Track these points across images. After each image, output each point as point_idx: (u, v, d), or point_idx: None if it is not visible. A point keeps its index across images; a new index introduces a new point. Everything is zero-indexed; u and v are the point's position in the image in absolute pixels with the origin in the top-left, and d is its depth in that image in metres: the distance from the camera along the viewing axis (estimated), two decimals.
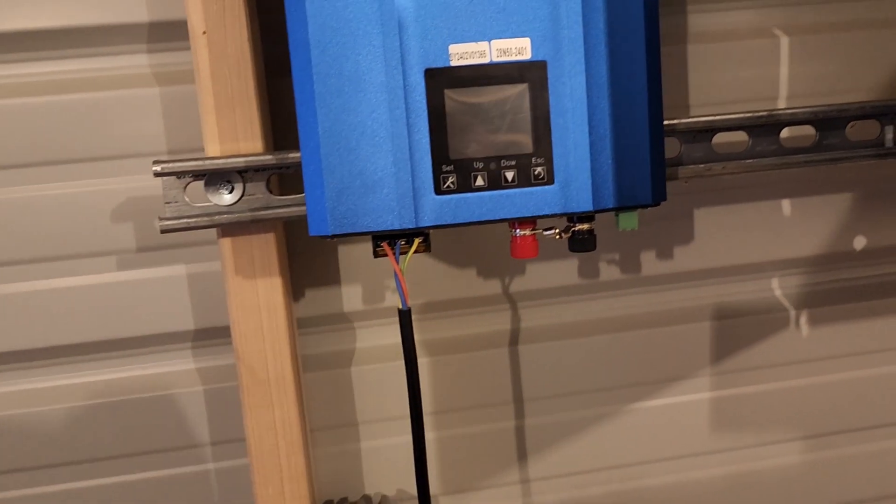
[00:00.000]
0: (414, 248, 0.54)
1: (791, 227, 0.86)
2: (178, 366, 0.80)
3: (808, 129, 0.72)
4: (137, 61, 0.74)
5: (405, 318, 0.56)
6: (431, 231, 0.55)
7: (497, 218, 0.53)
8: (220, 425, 0.80)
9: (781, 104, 0.83)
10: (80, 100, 0.73)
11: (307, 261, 0.78)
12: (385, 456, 0.83)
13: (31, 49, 0.72)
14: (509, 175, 0.53)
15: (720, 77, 0.81)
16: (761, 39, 0.82)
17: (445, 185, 0.52)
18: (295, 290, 0.79)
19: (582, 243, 0.56)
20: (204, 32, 0.64)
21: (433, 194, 0.52)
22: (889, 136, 0.72)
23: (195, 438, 0.80)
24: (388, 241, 0.54)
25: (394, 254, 0.53)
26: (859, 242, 0.87)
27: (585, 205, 0.53)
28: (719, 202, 0.84)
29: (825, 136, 0.71)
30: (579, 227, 0.56)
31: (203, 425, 0.80)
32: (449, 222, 0.52)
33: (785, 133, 0.72)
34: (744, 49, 0.81)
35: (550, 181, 0.53)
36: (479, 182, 0.53)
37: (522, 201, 0.53)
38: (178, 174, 0.62)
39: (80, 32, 0.72)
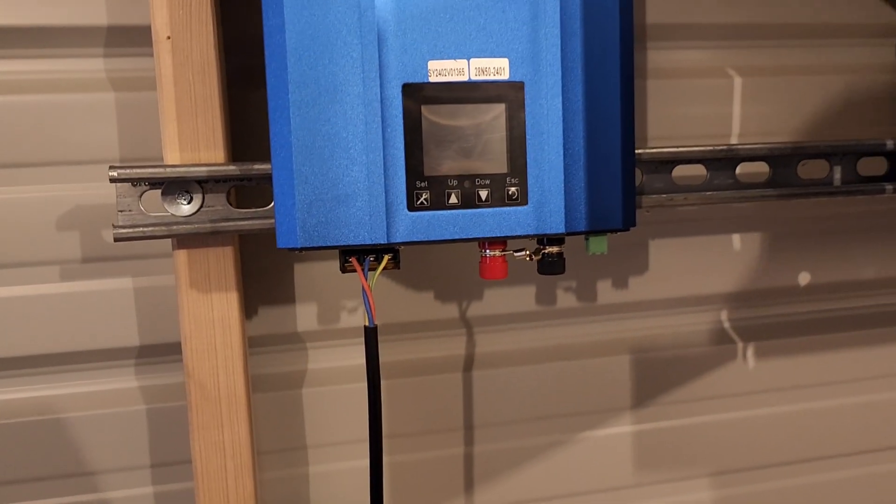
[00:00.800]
0: (383, 264, 0.53)
1: (741, 262, 0.88)
2: (121, 383, 0.76)
3: (762, 167, 0.75)
4: (93, 65, 0.72)
5: (371, 335, 0.55)
6: (402, 248, 0.54)
7: (470, 237, 0.53)
8: (161, 447, 0.76)
9: (733, 141, 0.85)
10: (31, 102, 0.70)
11: (261, 278, 0.76)
12: (333, 482, 0.81)
13: None
14: (483, 194, 0.53)
15: (676, 112, 0.83)
16: (716, 79, 0.85)
17: (419, 202, 0.52)
18: (248, 307, 0.77)
19: (552, 266, 0.56)
20: (168, 37, 0.62)
21: (406, 210, 0.52)
22: (837, 175, 0.75)
23: (136, 460, 0.76)
24: (357, 256, 0.52)
25: (363, 270, 0.52)
26: (804, 278, 0.90)
27: (558, 227, 0.53)
28: (674, 234, 0.86)
29: (778, 173, 0.74)
30: (549, 249, 0.56)
31: (144, 446, 0.76)
32: (421, 239, 0.52)
33: (739, 169, 0.74)
34: (699, 87, 0.84)
35: (524, 202, 0.53)
36: (453, 200, 0.52)
37: (495, 221, 0.53)
38: (135, 181, 0.60)
39: (35, 32, 0.69)
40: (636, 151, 0.67)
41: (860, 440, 0.93)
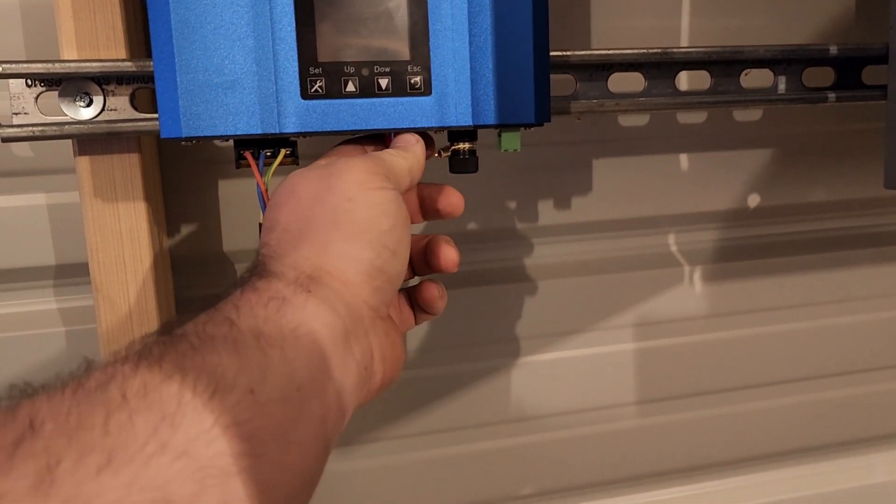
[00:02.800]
0: (280, 159, 0.50)
1: (688, 183, 0.85)
2: (38, 305, 0.73)
3: (704, 77, 0.71)
4: None
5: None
6: (299, 140, 0.51)
7: (369, 128, 0.49)
8: None
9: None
10: None
11: (184, 195, 0.73)
12: None
13: None
14: (383, 82, 0.49)
15: (621, 24, 0.80)
16: None
17: (313, 89, 0.48)
18: (170, 225, 0.74)
19: (463, 163, 0.53)
20: None
21: (300, 98, 0.48)
22: (782, 85, 0.72)
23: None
24: (251, 150, 0.49)
25: (257, 164, 0.49)
26: (753, 200, 0.88)
27: (465, 119, 0.50)
28: (618, 153, 0.83)
29: (720, 83, 0.70)
30: (460, 145, 0.53)
31: (63, 369, 0.73)
32: (316, 129, 0.48)
33: (683, 82, 0.70)
34: None
35: (428, 92, 0.50)
36: (351, 88, 0.49)
37: (397, 111, 0.50)
38: (27, 77, 0.56)
39: None
40: (566, 53, 0.64)
41: (810, 365, 0.92)
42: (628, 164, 0.83)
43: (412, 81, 0.50)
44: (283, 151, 0.50)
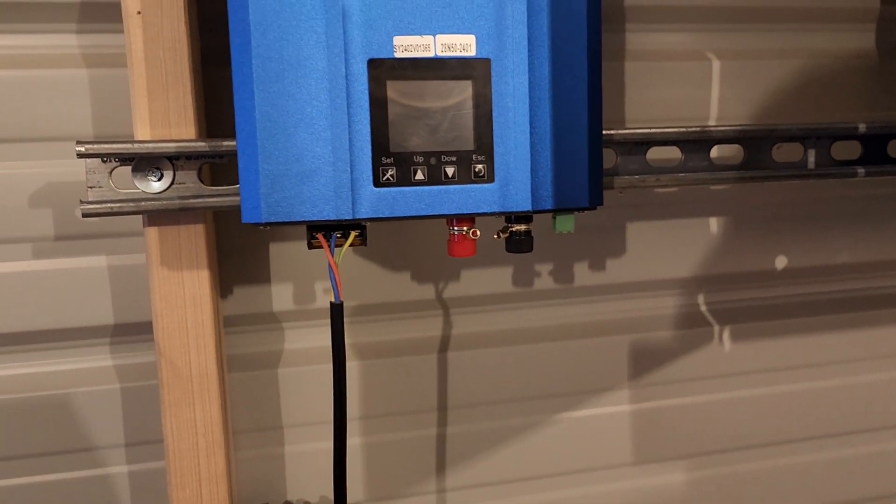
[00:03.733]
0: (350, 240, 0.53)
1: (717, 245, 0.88)
2: (95, 362, 0.76)
3: (737, 149, 0.75)
4: (66, 41, 0.71)
5: (336, 311, 0.55)
6: (368, 224, 0.54)
7: (436, 213, 0.53)
8: (136, 426, 0.76)
9: (711, 124, 0.85)
10: (4, 77, 0.69)
11: (237, 258, 0.76)
12: (309, 462, 0.81)
13: None
14: (450, 171, 0.53)
15: (654, 95, 0.83)
16: (695, 61, 0.85)
17: (385, 178, 0.52)
18: (223, 287, 0.77)
19: (519, 244, 0.56)
20: (139, 12, 0.62)
21: (372, 186, 0.52)
22: (811, 158, 0.75)
23: (110, 439, 0.76)
24: (323, 232, 0.52)
25: (329, 246, 0.52)
26: (780, 262, 0.90)
27: (524, 205, 0.54)
28: (651, 217, 0.86)
29: (752, 156, 0.74)
30: (517, 227, 0.56)
31: (118, 425, 0.76)
32: (387, 215, 0.52)
33: (715, 152, 0.74)
34: (678, 69, 0.84)
35: (490, 179, 0.53)
36: (419, 176, 0.52)
37: (462, 198, 0.53)
38: (104, 157, 0.60)
39: (7, 7, 0.69)
40: (610, 132, 0.68)
41: (834, 423, 0.94)
42: (660, 228, 0.86)
43: (476, 170, 0.53)
44: (352, 234, 0.53)
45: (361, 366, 0.80)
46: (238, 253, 0.76)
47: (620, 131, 0.68)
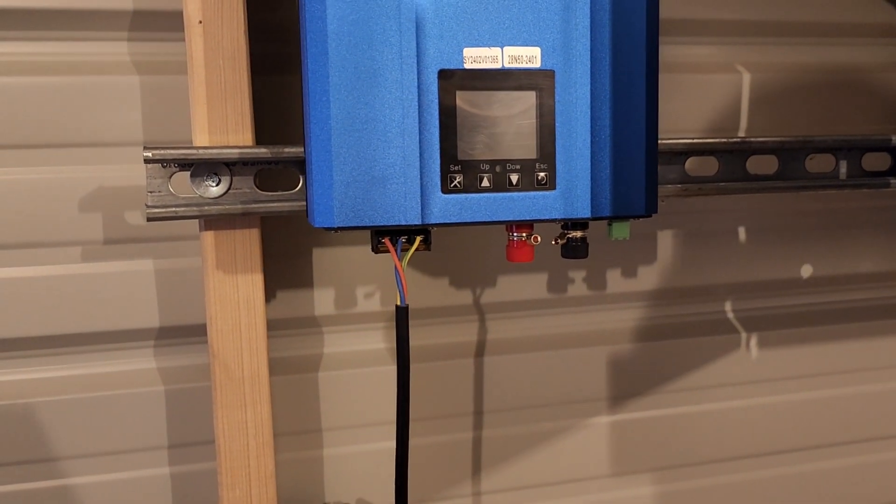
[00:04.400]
0: (416, 245, 0.54)
1: (745, 254, 0.90)
2: (140, 364, 0.77)
3: (770, 161, 0.77)
4: (118, 48, 0.72)
5: (402, 314, 0.56)
6: (434, 230, 0.56)
7: (501, 219, 0.54)
8: (179, 428, 0.77)
9: (741, 135, 0.87)
10: (56, 83, 0.70)
11: (281, 262, 0.77)
12: (347, 464, 0.82)
13: (8, 28, 0.70)
14: (514, 178, 0.54)
15: (686, 106, 0.85)
16: (725, 74, 0.87)
17: (452, 185, 0.53)
18: (266, 291, 0.77)
19: (575, 250, 0.58)
20: (200, 22, 0.63)
21: (440, 193, 0.53)
22: (843, 169, 0.77)
23: (153, 441, 0.77)
24: (389, 237, 0.54)
25: (395, 250, 0.54)
26: (806, 271, 0.92)
27: (584, 212, 0.55)
28: (681, 225, 0.88)
29: (787, 166, 0.76)
30: (573, 233, 0.58)
31: (161, 427, 0.77)
32: (454, 221, 0.53)
33: (749, 163, 0.76)
34: (709, 82, 0.86)
35: (552, 187, 0.55)
36: (485, 183, 0.54)
37: (525, 205, 0.54)
38: (166, 162, 0.61)
39: (62, 15, 0.70)
40: None
41: (860, 429, 0.96)
42: (689, 236, 0.88)
43: (539, 177, 0.55)
44: (417, 239, 0.55)
45: None
46: (282, 257, 0.77)
47: (664, 141, 0.70)
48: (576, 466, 0.88)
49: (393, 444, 0.82)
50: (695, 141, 0.71)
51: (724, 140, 0.72)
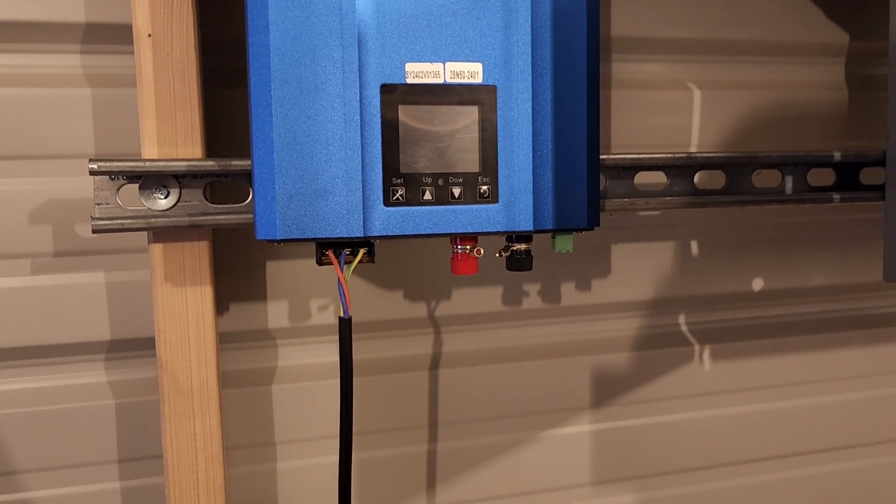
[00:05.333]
0: (359, 258, 0.55)
1: (698, 267, 0.92)
2: (90, 378, 0.76)
3: (719, 176, 0.78)
4: (70, 61, 0.72)
5: (345, 326, 0.56)
6: (377, 242, 0.56)
7: (443, 232, 0.55)
8: (129, 442, 0.77)
9: (692, 150, 0.89)
10: (7, 95, 0.70)
11: (233, 275, 0.78)
12: (301, 477, 0.82)
13: None
14: (456, 192, 0.55)
15: (639, 122, 0.87)
16: (677, 91, 0.88)
17: (394, 198, 0.54)
18: (219, 303, 0.78)
19: (520, 262, 0.58)
20: (149, 35, 0.63)
21: (382, 206, 0.54)
22: (789, 184, 0.79)
23: (103, 455, 0.76)
24: (333, 249, 0.54)
25: (339, 262, 0.54)
26: (757, 284, 0.94)
27: (526, 224, 0.56)
28: (635, 239, 0.89)
29: (734, 182, 0.77)
30: (518, 246, 0.58)
31: (112, 441, 0.76)
32: (396, 233, 0.54)
33: (697, 178, 0.77)
34: (661, 98, 0.88)
35: (495, 200, 0.56)
36: (427, 196, 0.54)
37: (467, 218, 0.55)
38: (113, 174, 0.61)
39: (13, 27, 0.70)
40: (601, 157, 0.71)
41: (810, 440, 0.97)
42: (643, 250, 0.89)
43: (481, 191, 0.55)
44: (361, 251, 0.55)
45: (356, 382, 0.82)
46: (234, 270, 0.77)
47: (611, 156, 0.71)
48: (529, 478, 0.89)
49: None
50: (642, 156, 0.72)
51: (671, 155, 0.73)
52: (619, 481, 0.91)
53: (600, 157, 0.70)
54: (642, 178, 0.75)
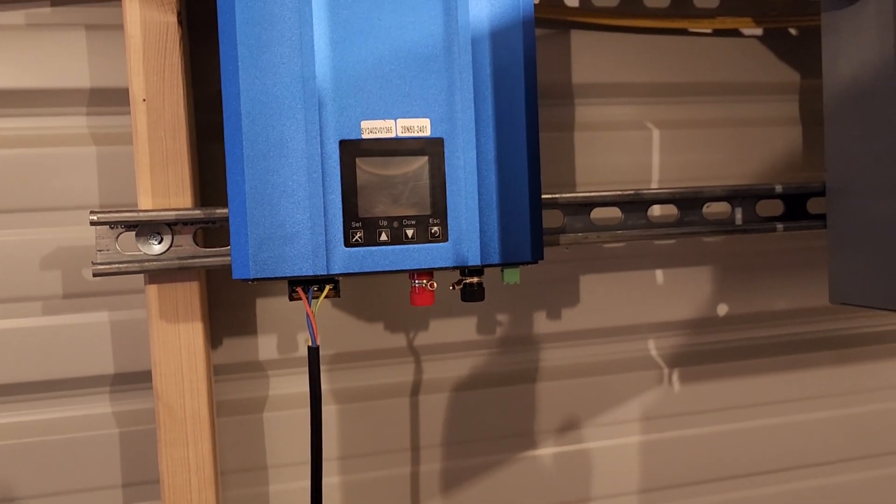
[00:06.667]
0: (325, 293, 0.62)
1: (664, 295, 0.97)
2: (96, 409, 0.83)
3: (673, 209, 0.84)
4: (77, 122, 0.81)
5: (313, 354, 0.63)
6: (341, 279, 0.63)
7: (398, 269, 0.62)
8: (132, 467, 0.83)
9: (653, 187, 0.95)
10: (21, 154, 0.78)
11: (226, 311, 0.85)
12: (291, 500, 0.88)
13: None
14: (409, 232, 0.62)
15: (601, 161, 0.94)
16: (636, 131, 0.95)
17: (354, 239, 0.61)
18: (213, 338, 0.85)
19: (472, 294, 0.65)
20: (144, 99, 0.71)
21: (343, 246, 0.61)
22: (738, 216, 0.84)
23: (108, 480, 0.83)
24: (302, 286, 0.61)
25: (307, 297, 0.61)
26: (722, 309, 1.00)
27: (474, 260, 0.63)
28: (602, 270, 0.95)
29: (686, 215, 0.83)
30: (470, 279, 0.65)
31: (116, 467, 0.83)
32: (356, 271, 0.61)
33: (655, 211, 0.83)
34: (621, 139, 0.94)
35: (445, 239, 0.62)
36: (384, 237, 0.61)
37: (420, 255, 0.62)
38: (112, 224, 0.69)
39: (26, 94, 0.78)
40: (555, 196, 0.77)
41: (779, 458, 1.02)
42: (611, 280, 0.95)
43: (432, 231, 0.62)
44: (327, 287, 0.62)
45: (339, 409, 0.88)
46: (227, 307, 0.85)
47: (565, 195, 0.78)
48: (509, 499, 0.94)
49: (334, 479, 0.89)
50: (594, 194, 0.79)
51: (621, 192, 0.79)
52: (592, 500, 0.96)
53: (555, 196, 0.77)
54: (603, 213, 0.82)
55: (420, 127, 0.62)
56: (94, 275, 0.68)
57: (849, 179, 0.79)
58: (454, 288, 0.66)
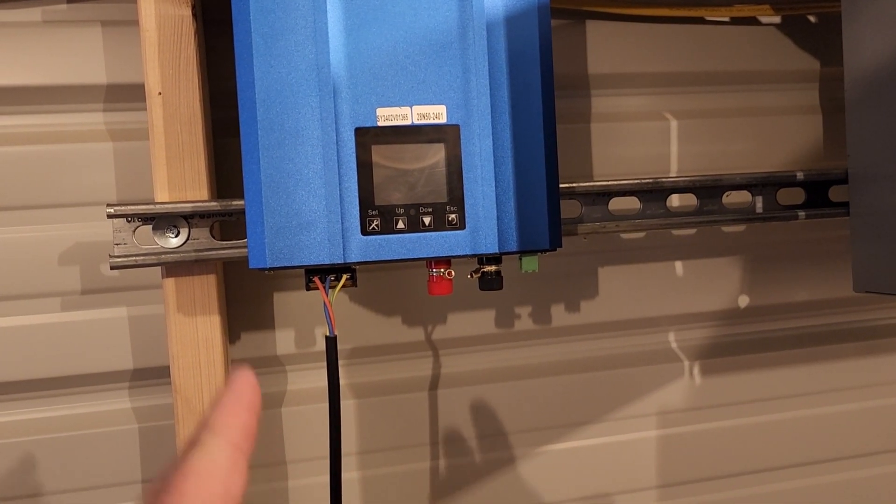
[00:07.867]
0: (342, 282, 0.61)
1: (684, 286, 0.96)
2: (115, 405, 0.83)
3: (692, 199, 0.83)
4: (94, 118, 0.81)
5: (331, 344, 0.63)
6: (358, 268, 0.63)
7: (415, 257, 0.61)
8: (152, 462, 0.83)
9: (672, 175, 0.94)
10: (39, 151, 0.79)
11: (245, 306, 0.85)
12: (311, 494, 0.87)
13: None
14: (426, 220, 0.61)
15: (619, 152, 0.93)
16: (654, 121, 0.94)
17: (370, 227, 0.60)
18: (231, 332, 0.85)
19: (490, 282, 0.64)
20: (160, 93, 0.71)
21: (360, 235, 0.60)
22: (758, 204, 0.83)
23: (127, 475, 0.83)
24: (319, 275, 0.61)
25: (324, 287, 0.61)
26: (743, 301, 0.98)
27: (492, 247, 0.62)
28: (621, 262, 0.94)
29: (705, 204, 0.82)
30: (487, 268, 0.64)
31: (136, 462, 0.83)
32: (373, 259, 0.60)
33: (674, 201, 0.82)
34: (639, 129, 0.93)
35: (462, 226, 0.62)
36: (401, 225, 0.61)
37: (437, 243, 0.61)
38: (129, 217, 0.69)
39: (44, 90, 0.79)
40: (573, 185, 0.77)
41: (801, 452, 1.00)
42: (630, 272, 0.94)
43: (449, 219, 0.62)
44: (344, 277, 0.62)
45: (357, 404, 0.88)
46: (245, 302, 0.85)
47: (582, 184, 0.77)
48: (529, 493, 0.93)
49: (353, 474, 0.88)
50: (612, 183, 0.78)
51: (640, 181, 0.79)
52: (613, 494, 0.95)
53: (573, 185, 0.77)
54: (621, 204, 0.81)
55: (436, 114, 0.61)
56: (112, 268, 0.68)
57: (872, 166, 0.78)
58: (472, 277, 0.65)
